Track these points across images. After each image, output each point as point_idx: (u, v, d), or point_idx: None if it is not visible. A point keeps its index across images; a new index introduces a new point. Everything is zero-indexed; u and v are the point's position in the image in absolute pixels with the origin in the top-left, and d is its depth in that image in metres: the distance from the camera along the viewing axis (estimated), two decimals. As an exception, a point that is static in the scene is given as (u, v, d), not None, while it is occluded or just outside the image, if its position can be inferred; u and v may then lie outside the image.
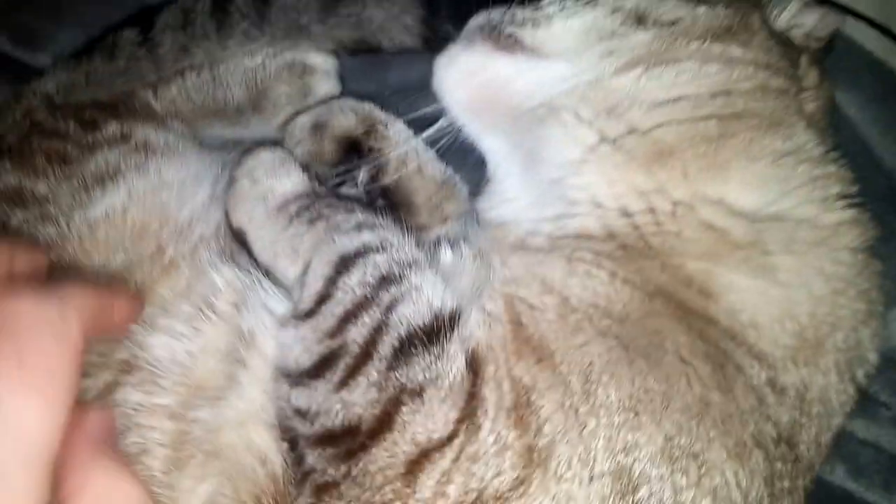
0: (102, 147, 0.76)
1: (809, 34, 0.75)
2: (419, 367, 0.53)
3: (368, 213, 0.67)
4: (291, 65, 0.88)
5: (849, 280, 0.62)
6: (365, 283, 0.59)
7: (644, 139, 0.65)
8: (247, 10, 0.87)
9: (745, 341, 0.58)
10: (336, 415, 0.54)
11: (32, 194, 0.72)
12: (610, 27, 0.70)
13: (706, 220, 0.62)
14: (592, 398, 0.52)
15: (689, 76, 0.66)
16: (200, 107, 0.90)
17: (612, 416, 0.51)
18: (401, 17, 0.88)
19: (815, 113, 0.71)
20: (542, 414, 0.51)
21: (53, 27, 1.09)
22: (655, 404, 0.52)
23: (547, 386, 0.52)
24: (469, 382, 0.53)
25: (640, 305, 0.57)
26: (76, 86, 0.92)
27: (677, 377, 0.53)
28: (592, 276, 0.59)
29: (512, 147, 0.76)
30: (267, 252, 0.69)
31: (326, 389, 0.55)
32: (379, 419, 0.52)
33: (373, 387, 0.53)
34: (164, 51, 0.91)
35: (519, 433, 0.51)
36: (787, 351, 0.58)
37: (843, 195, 0.65)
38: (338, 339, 0.56)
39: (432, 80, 0.78)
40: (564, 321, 0.56)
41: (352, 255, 0.61)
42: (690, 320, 0.57)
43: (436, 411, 0.52)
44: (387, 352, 0.55)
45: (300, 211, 0.69)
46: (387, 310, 0.57)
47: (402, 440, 0.51)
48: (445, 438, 0.51)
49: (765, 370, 0.57)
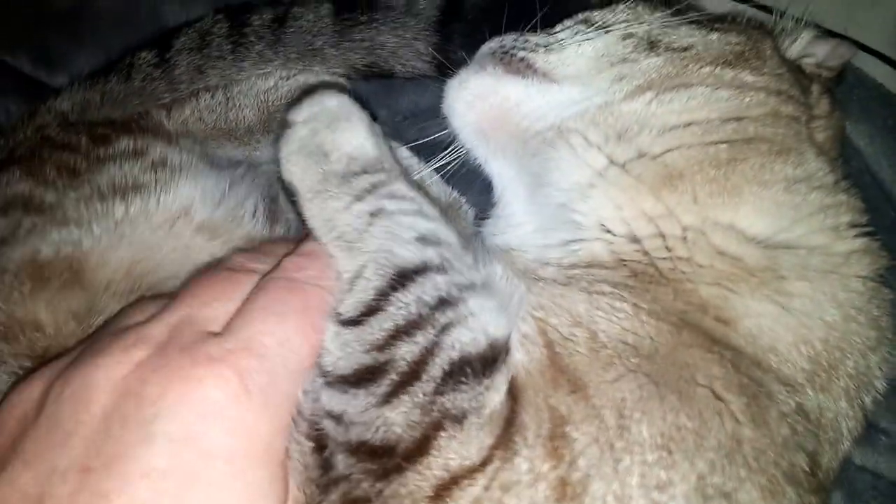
0: (115, 160, 0.77)
1: (821, 64, 0.75)
2: (467, 394, 0.51)
3: (432, 221, 0.62)
4: (303, 87, 0.89)
5: (860, 307, 0.61)
6: (422, 303, 0.55)
7: (654, 163, 0.65)
8: (263, 32, 0.88)
9: (770, 367, 0.57)
10: (376, 430, 0.51)
11: (42, 202, 0.73)
12: (621, 52, 0.71)
13: (718, 246, 0.61)
14: (627, 433, 0.50)
15: (700, 101, 0.66)
16: (212, 127, 0.91)
17: (645, 454, 0.50)
18: (413, 43, 0.89)
19: (826, 142, 0.71)
20: (576, 447, 0.50)
21: (73, 49, 1.11)
22: (688, 442, 0.50)
23: (581, 418, 0.51)
24: (508, 409, 0.52)
25: (669, 338, 0.56)
26: (91, 104, 0.94)
27: (710, 414, 0.52)
28: (616, 309, 0.57)
29: (519, 170, 0.76)
30: (320, 226, 0.62)
31: (368, 402, 0.52)
32: (417, 442, 0.50)
33: (417, 408, 0.51)
34: (180, 72, 0.92)
35: (553, 464, 0.49)
36: (806, 375, 0.57)
37: (853, 224, 0.65)
38: (385, 354, 0.54)
39: (443, 103, 0.78)
40: (596, 356, 0.54)
41: (411, 272, 0.57)
42: (720, 350, 0.56)
43: (472, 438, 0.50)
44: (436, 374, 0.52)
45: (362, 193, 0.62)
46: (441, 331, 0.54)
47: (436, 465, 0.49)
48: (478, 464, 0.49)
49: (793, 396, 0.56)
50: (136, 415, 0.48)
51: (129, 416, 0.48)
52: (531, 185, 0.74)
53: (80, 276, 0.69)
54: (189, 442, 0.47)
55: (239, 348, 0.51)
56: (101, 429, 0.48)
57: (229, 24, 0.91)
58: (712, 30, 0.71)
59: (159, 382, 0.49)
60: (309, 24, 0.88)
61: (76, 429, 0.48)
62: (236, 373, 0.50)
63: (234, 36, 0.89)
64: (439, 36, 0.89)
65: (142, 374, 0.50)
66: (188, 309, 0.55)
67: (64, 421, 0.48)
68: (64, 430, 0.48)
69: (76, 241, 0.69)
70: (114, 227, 0.71)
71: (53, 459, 0.47)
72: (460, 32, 0.90)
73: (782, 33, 0.76)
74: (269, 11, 0.90)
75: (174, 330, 0.53)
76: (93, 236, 0.70)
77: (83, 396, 0.49)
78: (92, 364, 0.51)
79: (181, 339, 0.52)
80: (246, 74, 0.91)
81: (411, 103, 0.99)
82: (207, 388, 0.49)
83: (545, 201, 0.71)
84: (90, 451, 0.47)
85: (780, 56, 0.71)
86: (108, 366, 0.50)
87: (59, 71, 1.11)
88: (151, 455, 0.46)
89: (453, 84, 0.77)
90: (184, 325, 0.54)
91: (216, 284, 0.59)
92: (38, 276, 0.68)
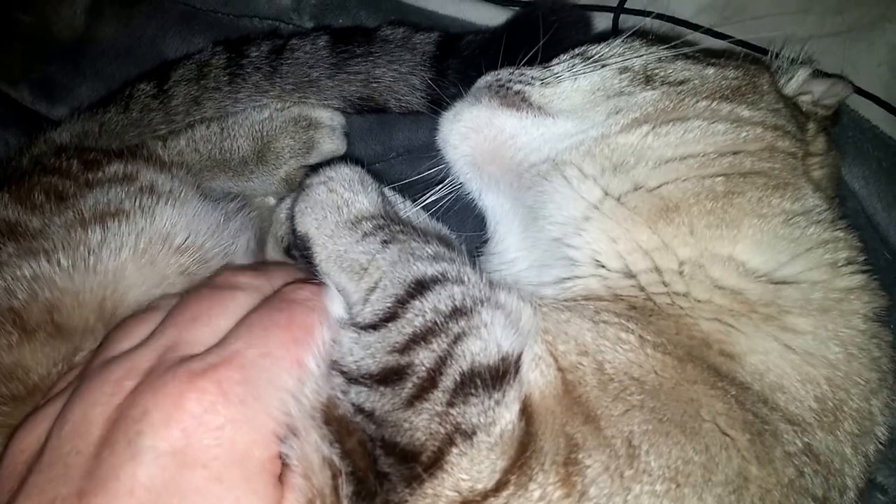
0: (103, 185, 0.76)
1: (817, 102, 0.75)
2: (476, 408, 0.51)
3: (442, 246, 0.66)
4: (298, 119, 0.89)
5: (862, 346, 0.60)
6: (437, 311, 0.57)
7: (650, 196, 0.64)
8: (260, 63, 0.89)
9: (777, 405, 0.55)
10: (404, 433, 0.51)
11: (26, 228, 0.71)
12: (617, 86, 0.71)
13: (717, 280, 0.60)
14: (637, 463, 0.49)
15: (696, 134, 0.65)
16: (207, 157, 0.90)
17: (654, 484, 0.49)
18: (409, 77, 0.89)
19: (823, 180, 0.70)
20: (588, 474, 0.49)
21: (75, 82, 1.13)
22: (696, 476, 0.49)
23: (594, 446, 0.50)
24: (521, 431, 0.50)
25: (674, 373, 0.54)
26: (89, 135, 0.94)
27: (717, 448, 0.51)
28: (622, 340, 0.56)
29: (514, 204, 0.75)
30: (331, 262, 0.67)
31: (394, 402, 0.52)
32: (435, 454, 0.49)
33: (435, 418, 0.51)
34: (177, 103, 0.92)
35: (566, 492, 0.48)
36: (814, 414, 0.56)
37: (851, 261, 0.63)
38: (406, 358, 0.55)
39: (437, 137, 0.78)
40: (605, 389, 0.53)
41: (428, 281, 0.59)
42: (725, 386, 0.54)
43: (483, 458, 0.49)
44: (448, 384, 0.52)
45: (374, 230, 0.67)
46: (454, 341, 0.54)
47: (448, 482, 0.48)
48: (491, 489, 0.48)
49: (800, 436, 0.54)
50: (124, 436, 0.50)
51: (117, 439, 0.50)
52: (525, 218, 0.73)
53: (61, 328, 0.68)
54: (174, 456, 0.49)
55: (220, 362, 0.54)
56: (95, 454, 0.50)
57: (227, 56, 0.91)
58: (709, 64, 0.71)
59: (144, 402, 0.52)
60: (306, 55, 0.88)
61: (75, 460, 0.51)
62: (215, 383, 0.52)
63: (232, 67, 0.90)
64: (435, 71, 0.90)
65: (130, 398, 0.53)
66: (174, 331, 0.58)
67: (64, 455, 0.51)
68: (64, 463, 0.51)
69: (48, 276, 0.68)
70: (87, 255, 0.70)
71: (56, 490, 0.50)
72: (455, 68, 0.90)
73: (779, 71, 0.77)
74: (267, 43, 0.91)
75: (161, 355, 0.56)
76: (65, 270, 0.69)
77: (81, 430, 0.52)
78: (89, 401, 0.54)
79: (167, 363, 0.55)
80: (242, 106, 0.91)
81: (406, 139, 0.99)
82: (188, 401, 0.51)
83: (539, 235, 0.70)
84: (85, 477, 0.49)
85: (778, 92, 0.71)
86: (103, 401, 0.53)
87: (60, 103, 1.12)
88: (137, 472, 0.48)
89: (448, 116, 0.77)
90: (171, 350, 0.56)
91: (199, 303, 0.61)
92: (23, 328, 0.67)
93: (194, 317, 0.59)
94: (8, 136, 1.10)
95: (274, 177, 0.90)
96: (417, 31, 0.94)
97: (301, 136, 0.88)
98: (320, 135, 0.89)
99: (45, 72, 1.14)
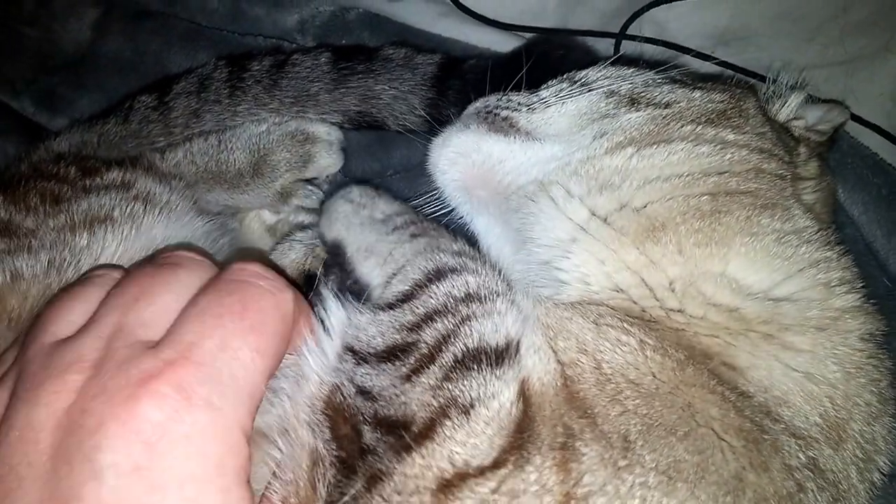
0: (99, 191, 0.76)
1: (810, 127, 0.75)
2: (476, 381, 0.51)
3: (467, 246, 0.71)
4: (295, 133, 0.89)
5: (860, 366, 0.58)
6: (450, 295, 0.60)
7: (636, 215, 0.63)
8: (261, 76, 0.90)
9: (780, 418, 0.54)
10: (398, 406, 0.51)
11: (19, 227, 0.72)
12: (604, 109, 0.71)
13: (710, 297, 0.59)
14: (631, 454, 0.49)
15: (681, 156, 0.65)
16: (203, 169, 0.91)
17: (647, 476, 0.48)
18: (408, 96, 0.90)
19: (815, 204, 0.69)
20: (584, 462, 0.48)
21: (76, 94, 1.14)
22: (689, 473, 0.49)
23: (590, 437, 0.50)
24: (519, 412, 0.51)
25: (672, 375, 0.54)
26: (88, 145, 0.95)
27: (711, 450, 0.50)
28: (622, 342, 0.56)
29: (503, 227, 0.75)
30: (361, 252, 0.74)
31: (392, 377, 0.53)
32: (426, 424, 0.49)
33: (429, 391, 0.51)
34: (176, 115, 0.93)
35: (561, 478, 0.47)
36: (820, 431, 0.55)
37: (844, 281, 0.62)
38: (413, 335, 0.57)
39: (427, 162, 0.78)
40: (602, 389, 0.53)
41: (447, 270, 0.63)
42: (724, 392, 0.54)
43: (479, 432, 0.49)
44: (447, 361, 0.53)
45: (406, 224, 0.75)
46: (461, 322, 0.56)
47: (440, 454, 0.48)
48: (489, 465, 0.47)
49: (804, 450, 0.53)
50: (79, 450, 0.45)
51: (73, 453, 0.45)
52: (515, 241, 0.73)
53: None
54: (138, 473, 0.44)
55: (175, 358, 0.48)
56: (51, 468, 0.45)
57: (230, 70, 0.92)
58: (696, 88, 0.71)
59: (98, 411, 0.46)
60: (307, 70, 0.89)
61: (28, 472, 0.46)
62: (175, 387, 0.46)
63: (233, 80, 0.91)
64: (435, 91, 0.90)
65: (82, 402, 0.47)
66: (116, 313, 0.52)
67: (16, 466, 0.46)
68: (17, 475, 0.46)
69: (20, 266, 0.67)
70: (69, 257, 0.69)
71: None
72: (456, 89, 0.91)
73: (773, 96, 0.76)
74: (269, 58, 0.92)
75: (107, 343, 0.50)
76: (42, 266, 0.68)
77: (29, 437, 0.47)
78: (33, 401, 0.48)
79: (116, 354, 0.49)
80: (240, 120, 0.91)
81: (403, 158, 1.00)
82: (146, 409, 0.45)
83: (528, 258, 0.70)
84: (43, 495, 0.44)
85: (765, 115, 0.71)
86: (48, 401, 0.47)
87: (60, 115, 1.13)
88: (101, 492, 0.43)
89: (437, 142, 0.77)
90: (116, 336, 0.50)
91: (139, 281, 0.55)
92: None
93: (136, 296, 0.53)
94: (7, 146, 1.11)
95: (269, 190, 0.90)
96: (420, 51, 0.95)
97: (298, 150, 0.89)
98: (317, 149, 0.90)
99: (47, 83, 1.16)
